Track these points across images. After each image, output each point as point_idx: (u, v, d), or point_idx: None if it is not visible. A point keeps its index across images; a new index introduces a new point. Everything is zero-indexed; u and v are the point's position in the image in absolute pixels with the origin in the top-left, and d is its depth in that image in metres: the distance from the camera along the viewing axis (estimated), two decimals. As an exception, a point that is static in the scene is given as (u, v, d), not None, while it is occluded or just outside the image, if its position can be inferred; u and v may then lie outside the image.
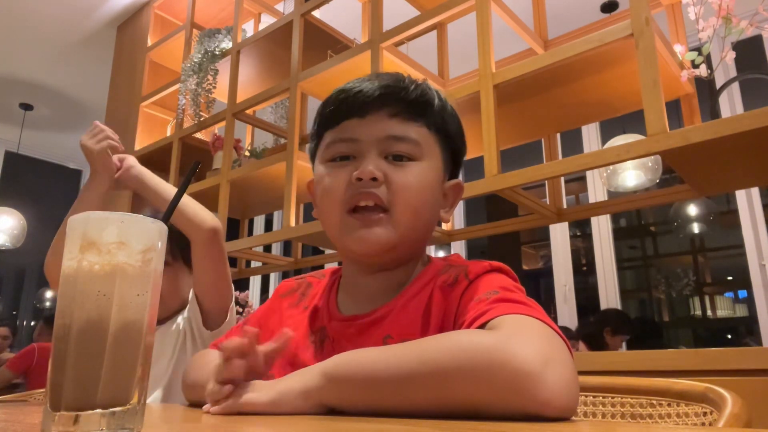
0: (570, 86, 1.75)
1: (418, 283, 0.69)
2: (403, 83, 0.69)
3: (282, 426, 0.51)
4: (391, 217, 0.65)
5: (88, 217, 0.47)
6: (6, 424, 0.52)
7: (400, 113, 0.67)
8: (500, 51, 1.91)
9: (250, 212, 2.99)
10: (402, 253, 0.69)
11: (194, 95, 2.68)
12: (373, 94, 0.67)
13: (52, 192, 6.08)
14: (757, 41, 3.08)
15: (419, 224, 0.68)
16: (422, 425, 0.44)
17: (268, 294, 5.06)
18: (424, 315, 0.65)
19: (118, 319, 0.45)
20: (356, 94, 0.68)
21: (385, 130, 0.67)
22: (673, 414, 0.75)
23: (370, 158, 0.65)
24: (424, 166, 0.67)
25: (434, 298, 0.65)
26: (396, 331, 0.64)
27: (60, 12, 3.45)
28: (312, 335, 0.71)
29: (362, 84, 0.68)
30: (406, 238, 0.66)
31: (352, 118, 0.68)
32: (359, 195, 0.65)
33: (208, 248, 1.11)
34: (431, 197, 0.68)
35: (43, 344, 3.78)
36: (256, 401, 0.54)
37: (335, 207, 0.67)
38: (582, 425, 0.56)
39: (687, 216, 3.69)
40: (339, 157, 0.69)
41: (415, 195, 0.66)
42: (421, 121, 0.68)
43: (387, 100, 0.67)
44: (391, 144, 0.66)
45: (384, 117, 0.67)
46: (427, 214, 0.68)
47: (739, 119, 1.31)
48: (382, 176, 0.65)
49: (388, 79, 0.69)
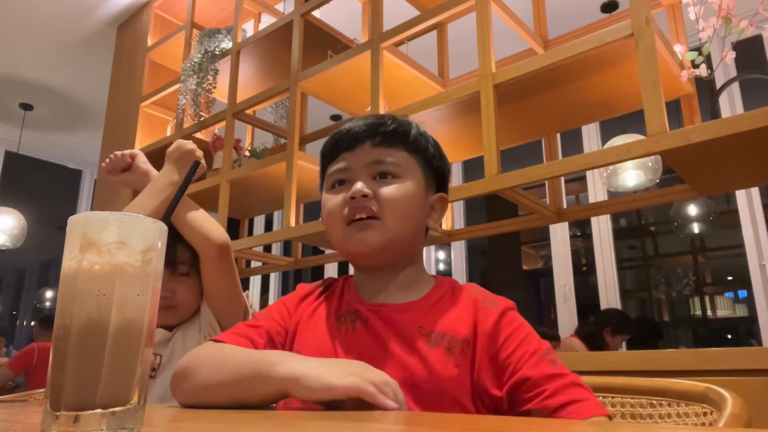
0: (570, 86, 1.75)
1: (440, 289, 0.82)
2: (383, 119, 0.84)
3: (282, 426, 0.51)
4: (382, 223, 0.78)
5: (87, 217, 0.47)
6: (6, 424, 0.52)
7: (382, 142, 0.82)
8: (500, 51, 1.91)
9: (250, 212, 2.99)
10: (395, 255, 0.81)
11: (194, 95, 2.68)
12: (359, 130, 0.83)
13: (52, 192, 6.08)
14: (757, 41, 3.08)
15: (406, 229, 0.81)
16: (422, 425, 0.44)
17: (268, 294, 5.05)
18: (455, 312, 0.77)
19: (118, 319, 0.45)
20: (346, 133, 0.84)
21: (370, 156, 0.82)
22: (673, 414, 0.75)
23: (360, 179, 0.80)
24: (406, 182, 0.81)
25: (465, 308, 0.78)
26: (428, 324, 0.76)
27: (60, 12, 3.45)
28: (342, 317, 0.81)
29: (351, 125, 0.85)
30: (396, 241, 0.80)
31: (345, 152, 0.83)
32: (354, 210, 0.79)
33: (218, 263, 1.11)
34: (415, 207, 0.82)
35: (42, 344, 3.78)
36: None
37: (337, 222, 0.81)
38: (582, 425, 0.56)
39: (687, 216, 3.69)
40: (337, 182, 0.83)
41: (399, 205, 0.80)
42: (401, 147, 0.83)
43: (370, 133, 0.82)
44: (376, 166, 0.81)
45: (369, 147, 0.82)
46: (412, 221, 0.82)
47: (739, 119, 1.31)
48: (371, 192, 0.79)
49: (372, 118, 0.85)
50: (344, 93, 2.35)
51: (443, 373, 0.71)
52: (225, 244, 1.11)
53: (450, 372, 0.71)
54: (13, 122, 4.73)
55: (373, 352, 0.74)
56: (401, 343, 0.74)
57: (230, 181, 2.47)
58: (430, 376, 0.70)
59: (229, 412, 0.62)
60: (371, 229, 0.78)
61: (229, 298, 1.14)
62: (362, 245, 0.78)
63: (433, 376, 0.70)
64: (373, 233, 0.78)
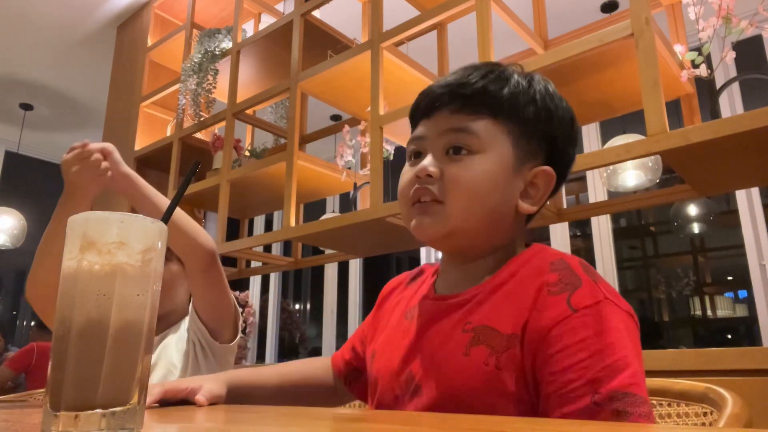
0: (570, 86, 1.75)
1: (507, 270, 0.68)
2: (468, 77, 0.71)
3: (282, 426, 0.51)
4: (443, 209, 0.68)
5: (88, 217, 0.47)
6: (6, 424, 0.52)
7: (461, 108, 0.70)
8: (500, 51, 1.91)
9: (250, 212, 2.99)
10: (464, 244, 0.71)
11: (194, 95, 2.68)
12: (437, 92, 0.72)
13: (52, 192, 6.06)
14: (757, 41, 3.07)
15: (474, 215, 0.68)
16: (423, 425, 0.44)
17: (268, 294, 5.05)
18: (510, 308, 0.63)
19: (118, 319, 0.45)
20: (426, 95, 0.74)
21: (446, 124, 0.71)
22: (673, 414, 0.75)
23: (432, 154, 0.70)
24: (485, 159, 0.69)
25: (525, 293, 0.63)
26: (476, 318, 0.65)
27: (60, 12, 3.45)
28: (408, 313, 0.76)
29: (434, 84, 0.74)
30: (462, 228, 0.69)
31: (423, 118, 0.74)
32: (418, 191, 0.69)
33: (208, 272, 1.06)
34: (491, 188, 0.68)
35: (42, 344, 3.78)
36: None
37: (403, 202, 0.73)
38: (582, 425, 0.56)
39: (687, 216, 3.69)
40: (413, 154, 0.74)
41: (468, 188, 0.68)
42: (485, 113, 0.70)
43: (449, 96, 0.71)
44: (450, 137, 0.70)
45: (447, 114, 0.71)
46: (486, 205, 0.69)
47: (739, 119, 1.31)
48: (438, 172, 0.69)
49: (459, 73, 0.73)
50: (344, 93, 2.35)
51: (479, 375, 0.61)
52: (214, 250, 1.07)
53: (488, 373, 0.60)
54: (13, 122, 4.72)
55: (413, 351, 0.69)
56: (442, 340, 0.67)
57: (230, 181, 2.47)
58: (465, 378, 0.62)
59: (230, 412, 0.62)
60: (430, 215, 0.68)
61: (218, 305, 1.12)
62: (421, 232, 0.70)
63: (468, 377, 0.62)
64: (430, 220, 0.68)
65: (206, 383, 0.73)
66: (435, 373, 0.65)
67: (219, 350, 1.12)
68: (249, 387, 0.82)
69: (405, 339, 0.72)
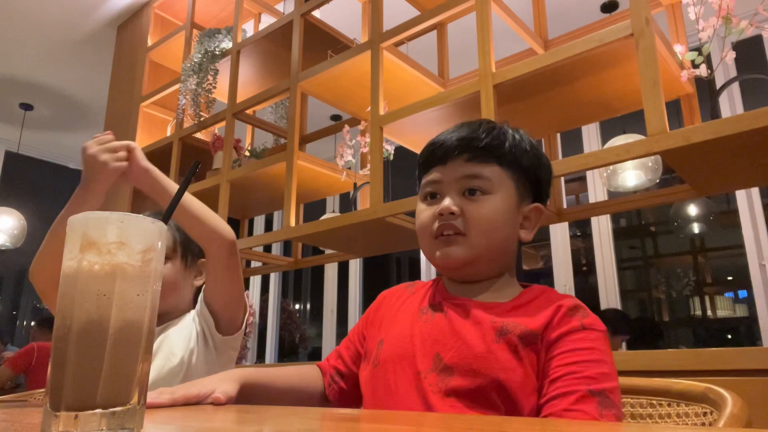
0: (570, 86, 1.75)
1: (532, 292, 0.82)
2: (476, 132, 0.84)
3: (282, 426, 0.51)
4: (467, 240, 0.81)
5: (87, 217, 0.47)
6: (6, 424, 0.52)
7: (474, 158, 0.83)
8: (500, 51, 1.91)
9: (250, 212, 2.99)
10: (481, 269, 0.84)
11: (194, 95, 2.68)
12: (451, 144, 0.84)
13: (52, 192, 6.07)
14: (757, 41, 3.07)
15: (492, 245, 0.82)
16: (423, 425, 0.44)
17: (268, 294, 5.05)
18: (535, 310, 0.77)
19: (118, 319, 0.45)
20: (440, 146, 0.86)
21: (461, 171, 0.83)
22: (673, 414, 0.75)
23: (450, 196, 0.83)
24: (496, 198, 0.82)
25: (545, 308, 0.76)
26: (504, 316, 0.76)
27: (60, 12, 3.45)
28: (424, 309, 0.84)
29: (445, 137, 0.86)
30: (481, 257, 0.82)
31: (437, 165, 0.85)
32: (442, 226, 0.82)
33: (229, 259, 1.10)
34: (503, 222, 0.83)
35: (42, 344, 3.78)
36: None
37: (426, 235, 0.85)
38: (582, 425, 0.56)
39: (687, 216, 3.69)
40: (429, 195, 0.86)
41: (486, 222, 0.81)
42: (493, 162, 0.83)
43: (462, 148, 0.83)
44: (466, 182, 0.83)
45: (461, 162, 0.83)
46: (500, 236, 0.83)
47: (739, 119, 1.31)
48: (459, 210, 0.81)
49: (466, 129, 0.85)
50: (344, 93, 2.35)
51: (504, 364, 0.71)
52: (234, 239, 1.11)
53: (511, 364, 0.71)
54: (13, 122, 4.73)
55: (443, 336, 0.77)
56: (472, 332, 0.75)
57: (230, 181, 2.47)
58: (490, 365, 0.71)
59: (229, 412, 0.62)
60: (456, 244, 0.81)
61: (232, 293, 1.13)
62: (447, 260, 0.82)
63: (493, 366, 0.71)
64: (457, 249, 0.81)
65: (219, 385, 0.75)
66: (467, 354, 0.74)
67: (220, 343, 1.13)
68: (259, 387, 0.83)
69: (426, 327, 0.80)
